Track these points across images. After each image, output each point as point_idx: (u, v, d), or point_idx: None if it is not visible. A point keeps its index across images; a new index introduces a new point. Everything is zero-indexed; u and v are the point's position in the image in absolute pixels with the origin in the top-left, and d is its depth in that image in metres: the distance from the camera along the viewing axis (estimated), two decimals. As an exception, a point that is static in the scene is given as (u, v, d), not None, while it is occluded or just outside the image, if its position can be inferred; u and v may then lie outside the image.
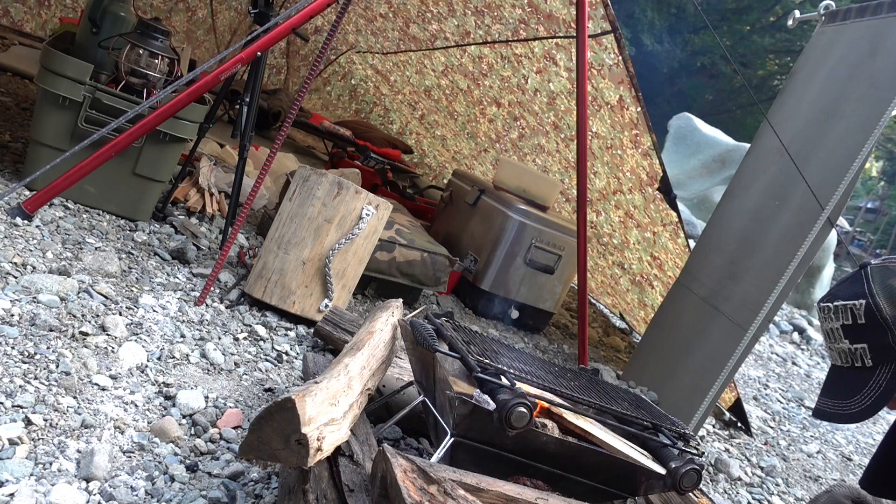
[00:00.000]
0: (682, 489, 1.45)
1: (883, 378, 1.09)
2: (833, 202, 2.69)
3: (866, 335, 1.11)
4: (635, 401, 1.75)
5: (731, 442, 3.33)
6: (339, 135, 5.24)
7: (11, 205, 2.32)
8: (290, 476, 1.36)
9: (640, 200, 3.72)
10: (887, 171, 23.12)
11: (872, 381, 1.09)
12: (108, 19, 2.68)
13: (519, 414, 1.30)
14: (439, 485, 1.06)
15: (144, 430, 1.58)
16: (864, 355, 1.11)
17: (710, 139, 11.23)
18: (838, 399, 1.09)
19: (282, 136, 2.48)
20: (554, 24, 3.50)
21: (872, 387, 1.08)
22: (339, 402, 1.32)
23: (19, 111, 3.67)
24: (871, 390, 1.08)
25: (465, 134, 5.65)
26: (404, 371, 2.01)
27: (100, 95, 2.52)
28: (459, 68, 4.88)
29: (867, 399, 1.05)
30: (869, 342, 1.11)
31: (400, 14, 4.89)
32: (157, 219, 2.89)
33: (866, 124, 2.67)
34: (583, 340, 3.17)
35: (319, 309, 2.48)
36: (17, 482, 1.27)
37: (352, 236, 2.44)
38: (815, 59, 3.17)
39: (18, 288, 1.87)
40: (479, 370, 1.44)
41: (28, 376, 1.56)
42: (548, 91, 4.03)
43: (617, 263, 4.43)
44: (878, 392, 1.07)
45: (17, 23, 5.33)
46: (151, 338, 1.97)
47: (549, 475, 1.44)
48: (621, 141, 3.56)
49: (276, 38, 2.51)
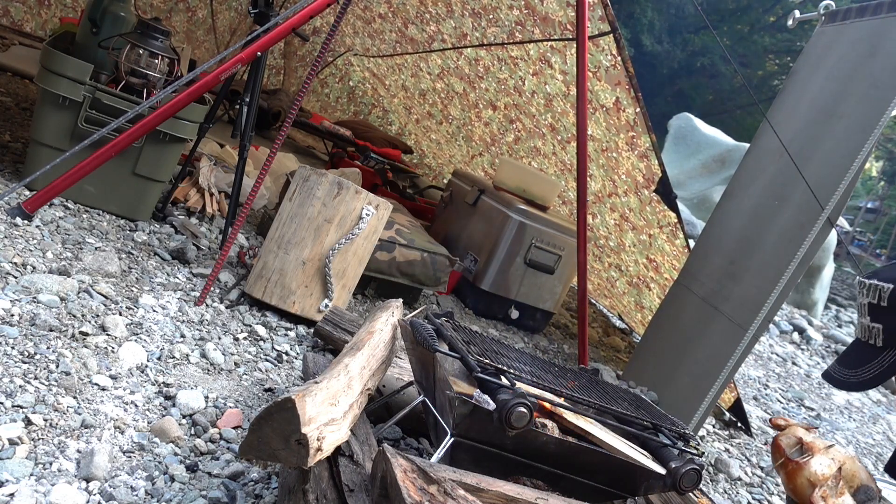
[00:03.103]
0: (682, 489, 1.45)
1: (888, 360, 1.15)
2: (833, 202, 2.69)
3: (884, 317, 1.17)
4: (635, 401, 1.75)
5: (731, 442, 3.33)
6: (339, 135, 5.25)
7: (11, 205, 2.32)
8: (290, 476, 1.36)
9: (635, 203, 3.72)
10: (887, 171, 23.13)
11: (878, 359, 1.16)
12: (108, 19, 2.68)
13: (519, 414, 1.30)
14: (439, 485, 1.06)
15: (144, 430, 1.58)
16: (878, 335, 1.18)
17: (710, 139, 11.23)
18: (847, 368, 1.17)
19: (282, 136, 2.48)
20: (549, 26, 3.50)
21: (876, 364, 1.16)
22: (339, 402, 1.32)
23: (19, 111, 3.67)
24: (874, 367, 1.16)
25: (459, 138, 5.64)
26: (404, 371, 2.01)
27: (100, 95, 2.52)
28: (456, 71, 4.88)
29: (868, 374, 1.13)
30: (885, 324, 1.17)
31: (399, 15, 4.89)
32: (157, 219, 2.90)
33: (866, 124, 2.67)
34: (583, 340, 3.17)
35: (319, 309, 2.48)
36: (17, 482, 1.27)
37: (352, 236, 2.44)
38: (815, 59, 3.17)
39: (18, 288, 1.87)
40: (479, 370, 1.45)
41: (28, 376, 1.56)
42: (544, 93, 4.03)
43: (613, 266, 4.43)
44: (879, 370, 1.15)
45: (17, 23, 5.33)
46: (151, 338, 1.97)
47: (549, 475, 1.44)
48: (616, 144, 3.56)
49: (276, 38, 2.51)
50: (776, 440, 1.15)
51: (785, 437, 1.14)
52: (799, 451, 1.10)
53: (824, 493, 1.03)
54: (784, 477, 1.08)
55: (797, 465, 1.08)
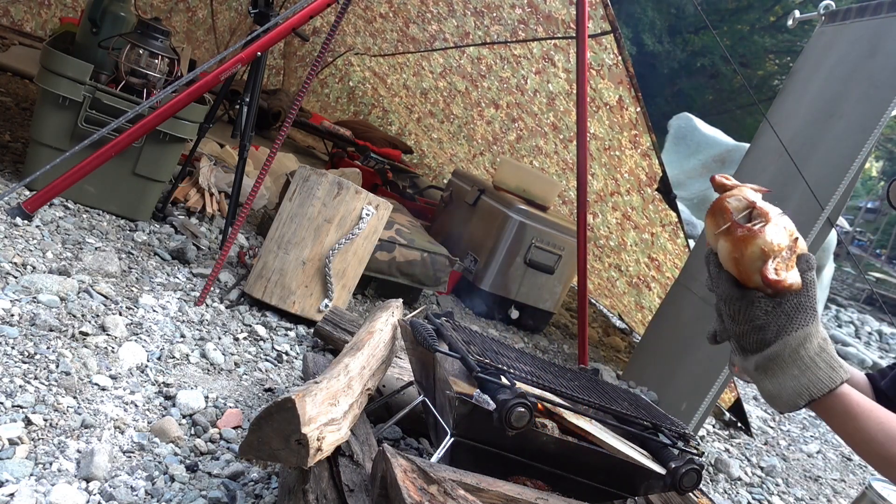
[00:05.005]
0: (682, 489, 1.45)
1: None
2: (833, 202, 2.69)
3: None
4: (635, 401, 1.75)
5: (731, 442, 3.33)
6: (340, 135, 5.25)
7: (11, 205, 2.32)
8: (290, 476, 1.36)
9: (638, 201, 3.72)
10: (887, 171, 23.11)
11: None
12: (108, 19, 2.68)
13: (519, 414, 1.30)
14: (439, 485, 1.06)
15: (144, 430, 1.58)
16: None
17: (710, 139, 11.22)
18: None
19: (282, 136, 2.48)
20: (553, 24, 3.50)
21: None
22: (339, 402, 1.32)
23: (19, 111, 3.67)
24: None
25: (461, 137, 5.64)
26: (404, 371, 2.01)
27: (100, 95, 2.52)
28: (458, 70, 4.88)
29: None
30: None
31: (400, 14, 4.89)
32: (157, 219, 2.89)
33: (866, 124, 2.67)
34: (583, 340, 3.17)
35: (319, 309, 2.48)
36: (17, 482, 1.27)
37: (352, 236, 2.44)
38: (815, 59, 3.17)
39: (18, 288, 1.87)
40: (479, 370, 1.44)
41: (28, 376, 1.56)
42: (547, 92, 4.03)
43: (614, 266, 4.43)
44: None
45: (17, 23, 5.33)
46: (151, 338, 1.97)
47: (549, 475, 1.44)
48: (620, 142, 3.56)
49: (276, 38, 2.51)
50: (721, 202, 0.97)
51: (733, 199, 0.97)
52: (747, 217, 0.95)
53: (778, 264, 0.91)
54: (728, 244, 0.94)
55: (750, 233, 0.92)
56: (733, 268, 0.95)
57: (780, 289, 0.92)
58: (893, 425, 0.96)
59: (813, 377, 0.95)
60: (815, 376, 0.95)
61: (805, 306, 0.95)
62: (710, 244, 1.02)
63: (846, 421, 0.97)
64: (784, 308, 0.95)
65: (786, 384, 0.95)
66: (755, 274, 0.93)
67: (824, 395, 0.94)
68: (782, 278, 0.91)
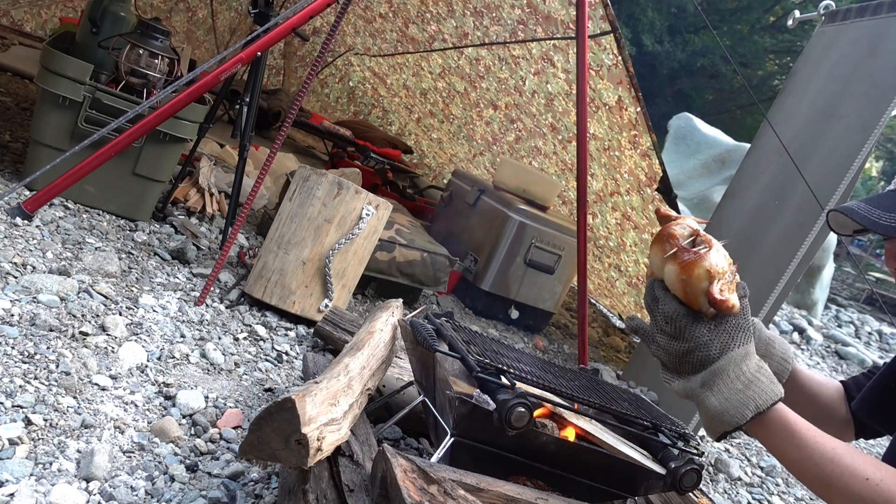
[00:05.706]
0: (682, 489, 1.45)
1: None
2: (833, 202, 2.69)
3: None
4: (635, 401, 1.75)
5: (731, 442, 3.33)
6: (340, 135, 5.24)
7: (11, 205, 2.32)
8: (290, 476, 1.36)
9: (638, 202, 3.72)
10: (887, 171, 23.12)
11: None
12: (108, 19, 2.68)
13: (519, 414, 1.30)
14: (439, 485, 1.06)
15: (144, 430, 1.58)
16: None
17: (710, 139, 11.21)
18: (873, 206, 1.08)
19: (282, 136, 2.48)
20: (552, 25, 3.50)
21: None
22: (339, 402, 1.32)
23: (19, 111, 3.68)
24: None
25: (461, 137, 5.64)
26: (404, 371, 2.01)
27: (100, 95, 2.52)
28: (457, 70, 4.88)
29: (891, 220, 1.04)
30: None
31: (400, 14, 4.89)
32: (157, 219, 2.90)
33: (866, 124, 2.67)
34: (583, 340, 3.17)
35: (319, 309, 2.48)
36: (17, 482, 1.27)
37: (352, 236, 2.44)
38: (815, 59, 3.18)
39: (18, 288, 1.87)
40: (479, 370, 1.44)
41: (28, 376, 1.56)
42: (545, 92, 4.03)
43: (613, 266, 4.43)
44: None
45: (17, 23, 5.33)
46: (151, 338, 1.97)
47: (549, 475, 1.44)
48: (619, 142, 3.56)
49: (276, 38, 2.51)
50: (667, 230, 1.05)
51: (678, 227, 1.05)
52: (692, 244, 1.03)
53: (723, 286, 0.99)
54: (676, 267, 1.00)
55: (697, 256, 0.99)
56: (680, 290, 1.02)
57: (724, 308, 0.99)
58: (830, 445, 0.98)
59: (757, 390, 0.99)
60: (759, 388, 0.99)
61: (744, 327, 1.02)
62: (652, 274, 1.08)
63: (785, 439, 1.00)
64: (726, 327, 1.01)
65: (731, 398, 0.99)
66: (701, 295, 1.00)
67: (768, 407, 0.98)
68: (727, 298, 0.99)
